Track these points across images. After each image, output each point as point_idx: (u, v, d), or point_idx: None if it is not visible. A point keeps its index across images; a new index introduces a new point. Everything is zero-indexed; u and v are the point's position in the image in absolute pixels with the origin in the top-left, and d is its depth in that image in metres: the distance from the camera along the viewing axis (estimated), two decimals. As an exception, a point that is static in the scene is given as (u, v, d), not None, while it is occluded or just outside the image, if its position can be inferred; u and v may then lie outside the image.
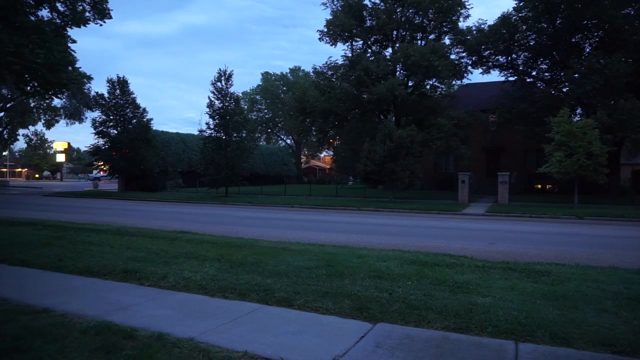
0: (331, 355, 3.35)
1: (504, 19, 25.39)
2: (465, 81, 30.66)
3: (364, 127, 31.35)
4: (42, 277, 5.76)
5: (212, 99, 26.98)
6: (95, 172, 43.58)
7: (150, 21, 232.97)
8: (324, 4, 30.72)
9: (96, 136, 32.55)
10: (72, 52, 22.98)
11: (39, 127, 70.46)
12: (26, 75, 21.48)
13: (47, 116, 47.44)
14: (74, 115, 47.23)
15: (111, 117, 32.68)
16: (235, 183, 27.26)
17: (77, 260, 6.60)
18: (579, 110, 24.48)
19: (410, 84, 28.85)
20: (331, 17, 29.09)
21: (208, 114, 27.01)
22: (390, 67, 26.86)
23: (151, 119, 33.95)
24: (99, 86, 69.24)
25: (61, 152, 62.31)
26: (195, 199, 25.67)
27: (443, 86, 31.14)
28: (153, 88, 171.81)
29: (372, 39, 30.30)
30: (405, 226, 13.59)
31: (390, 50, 29.90)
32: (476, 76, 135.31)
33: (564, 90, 24.88)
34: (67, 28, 22.92)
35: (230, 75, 27.19)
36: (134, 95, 33.53)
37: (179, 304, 4.62)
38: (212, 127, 27.08)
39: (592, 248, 9.37)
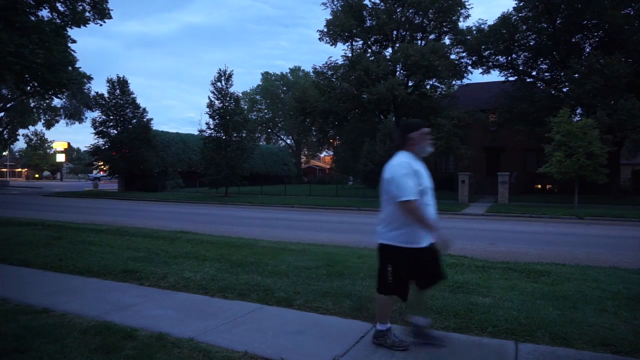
0: (331, 355, 3.35)
1: (504, 19, 25.40)
2: (465, 81, 30.69)
3: (364, 127, 31.40)
4: (42, 277, 5.76)
5: (212, 99, 27.00)
6: (95, 172, 43.59)
7: (150, 21, 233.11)
8: (324, 4, 30.78)
9: (96, 136, 32.57)
10: (72, 52, 23.00)
11: (39, 127, 70.64)
12: (26, 75, 21.47)
13: (47, 116, 47.47)
14: (74, 115, 47.25)
15: (111, 117, 32.70)
16: (235, 183, 27.26)
17: (77, 260, 6.60)
18: (579, 110, 24.48)
19: (410, 84, 28.87)
20: (331, 17, 29.10)
21: (208, 114, 27.05)
22: (390, 67, 26.86)
23: (151, 119, 34.03)
24: (99, 86, 69.35)
25: (61, 152, 62.29)
26: (195, 199, 25.67)
27: (443, 86, 31.17)
28: (153, 88, 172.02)
29: (372, 39, 30.31)
30: (405, 226, 13.56)
31: (390, 50, 29.91)
32: (476, 76, 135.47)
33: (564, 90, 24.89)
34: (67, 28, 22.91)
35: (230, 75, 27.21)
36: (134, 95, 33.59)
37: (179, 304, 4.62)
38: (212, 127, 27.09)
39: (592, 248, 9.36)
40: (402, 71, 27.51)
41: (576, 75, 22.20)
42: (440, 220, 3.60)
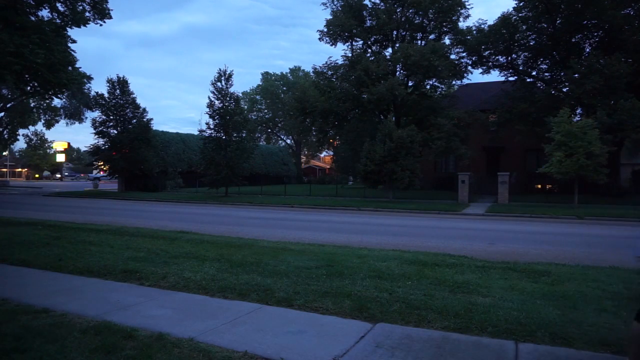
0: (331, 355, 3.35)
1: (504, 19, 25.40)
2: (465, 81, 30.68)
3: (364, 127, 31.41)
4: (42, 277, 5.76)
5: (212, 99, 27.00)
6: (95, 172, 43.57)
7: (150, 21, 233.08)
8: (324, 3, 30.74)
9: (96, 136, 32.58)
10: (72, 52, 23.06)
11: (39, 127, 70.63)
12: (26, 75, 21.51)
13: (47, 116, 47.49)
14: (74, 115, 47.26)
15: (111, 117, 32.71)
16: (235, 183, 27.25)
17: (77, 260, 6.60)
18: (579, 110, 24.49)
19: (410, 84, 28.85)
20: (331, 17, 29.08)
21: (208, 114, 27.05)
22: (390, 67, 26.85)
23: (151, 119, 34.02)
24: (99, 86, 69.15)
25: (61, 152, 62.32)
26: (195, 199, 25.67)
27: (443, 86, 31.17)
28: (153, 88, 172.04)
29: (372, 39, 30.30)
30: (405, 226, 13.59)
31: (390, 50, 29.90)
32: (476, 76, 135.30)
33: (564, 90, 24.92)
34: (67, 28, 22.96)
35: (230, 75, 27.20)
36: (134, 95, 33.60)
37: (179, 304, 4.62)
38: (212, 127, 27.09)
39: (592, 248, 9.36)
40: (402, 71, 27.49)
41: (576, 75, 22.21)
42: (440, 220, 3.59)
